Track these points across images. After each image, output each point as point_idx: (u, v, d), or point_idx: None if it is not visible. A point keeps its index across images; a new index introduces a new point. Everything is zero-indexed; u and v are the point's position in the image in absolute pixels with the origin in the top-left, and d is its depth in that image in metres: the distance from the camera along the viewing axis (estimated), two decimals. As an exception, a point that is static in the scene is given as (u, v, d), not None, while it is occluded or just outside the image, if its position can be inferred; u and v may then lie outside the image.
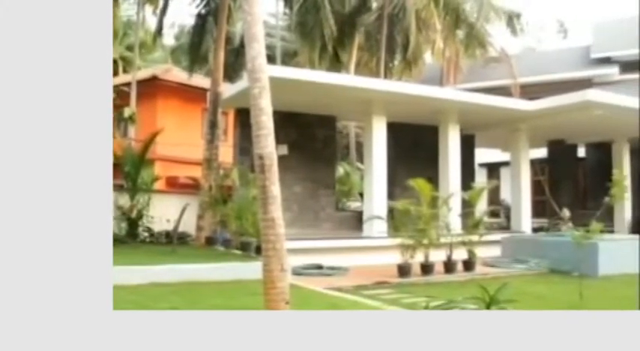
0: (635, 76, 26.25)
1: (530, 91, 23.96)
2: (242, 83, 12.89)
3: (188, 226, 14.38)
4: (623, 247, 12.94)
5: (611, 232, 17.88)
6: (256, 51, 6.59)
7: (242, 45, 15.58)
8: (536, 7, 50.15)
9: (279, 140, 7.07)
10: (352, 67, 24.43)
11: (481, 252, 12.19)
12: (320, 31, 20.37)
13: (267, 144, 6.30)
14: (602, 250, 11.22)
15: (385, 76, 22.03)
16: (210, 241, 13.83)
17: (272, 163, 6.29)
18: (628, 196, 16.31)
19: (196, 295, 7.79)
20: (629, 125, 17.74)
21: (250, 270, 8.63)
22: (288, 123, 14.64)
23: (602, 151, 21.12)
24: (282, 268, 6.27)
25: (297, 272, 10.13)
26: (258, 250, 9.25)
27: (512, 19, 24.13)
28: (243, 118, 13.06)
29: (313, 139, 15.71)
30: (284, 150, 14.34)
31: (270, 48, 21.87)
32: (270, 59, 23.37)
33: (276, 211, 6.31)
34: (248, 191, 12.02)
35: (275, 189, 6.31)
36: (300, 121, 15.33)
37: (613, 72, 27.02)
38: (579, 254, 9.53)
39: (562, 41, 33.65)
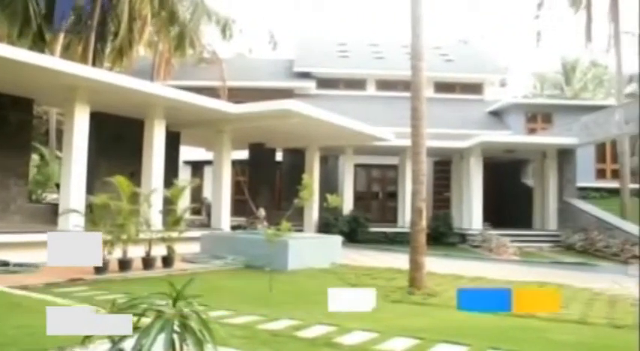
0: (328, 92, 29.53)
1: (238, 95, 25.16)
2: None
3: None
4: (310, 244, 14.35)
5: (301, 230, 19.67)
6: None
7: None
8: (251, 16, 52.51)
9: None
10: (59, 48, 22.78)
11: (181, 248, 12.44)
12: (23, 4, 18.62)
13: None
14: (292, 247, 12.28)
15: (94, 64, 21.01)
16: None
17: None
18: (316, 198, 18.00)
19: None
20: (321, 135, 19.78)
21: None
22: (-26, 102, 13.14)
23: (297, 157, 23.08)
24: (-45, 264, 5.67)
25: (-22, 269, 9.16)
26: None
27: (226, 25, 24.94)
28: None
29: (5, 123, 14.19)
30: (-32, 132, 12.82)
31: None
32: (-43, 28, 20.54)
33: (-47, 199, 5.67)
34: None
35: (-47, 174, 5.66)
36: (-11, 101, 13.81)
37: (311, 86, 29.88)
38: (271, 251, 10.32)
39: (272, 52, 35.88)
